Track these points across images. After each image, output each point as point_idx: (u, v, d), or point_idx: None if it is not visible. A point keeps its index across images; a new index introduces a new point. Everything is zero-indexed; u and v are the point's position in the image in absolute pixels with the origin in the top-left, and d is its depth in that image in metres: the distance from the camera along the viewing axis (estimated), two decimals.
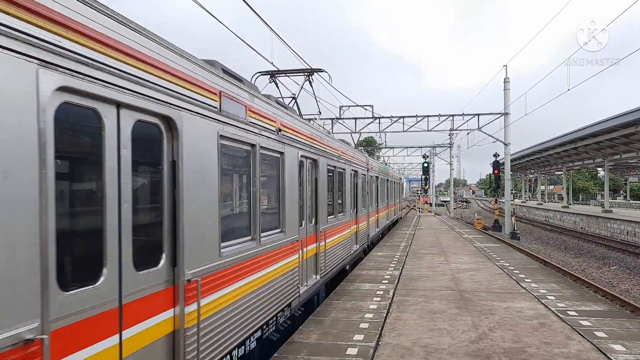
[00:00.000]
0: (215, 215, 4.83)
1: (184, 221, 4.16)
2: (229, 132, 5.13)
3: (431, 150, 50.84)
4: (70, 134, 3.19)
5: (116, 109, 3.39)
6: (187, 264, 4.21)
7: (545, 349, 6.32)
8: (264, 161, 6.41)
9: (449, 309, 8.51)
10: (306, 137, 8.46)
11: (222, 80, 5.07)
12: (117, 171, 3.40)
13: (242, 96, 5.57)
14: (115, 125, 3.38)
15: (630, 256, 21.06)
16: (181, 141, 4.12)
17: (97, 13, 3.14)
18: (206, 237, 4.64)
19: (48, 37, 2.72)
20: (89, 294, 3.10)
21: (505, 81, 27.77)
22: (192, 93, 4.35)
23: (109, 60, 3.24)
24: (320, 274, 9.40)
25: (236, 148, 5.58)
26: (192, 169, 4.33)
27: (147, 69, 3.68)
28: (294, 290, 7.51)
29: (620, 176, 70.34)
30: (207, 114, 4.65)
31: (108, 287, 3.28)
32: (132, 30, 3.52)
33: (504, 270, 12.63)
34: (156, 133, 3.96)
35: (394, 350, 6.34)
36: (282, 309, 6.98)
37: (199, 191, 4.48)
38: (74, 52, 2.91)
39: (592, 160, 40.14)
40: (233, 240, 5.41)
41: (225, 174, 5.33)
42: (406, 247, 18.21)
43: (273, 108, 6.73)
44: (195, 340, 4.35)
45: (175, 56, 4.14)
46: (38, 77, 2.66)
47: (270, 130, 6.46)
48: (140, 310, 3.64)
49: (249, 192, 5.99)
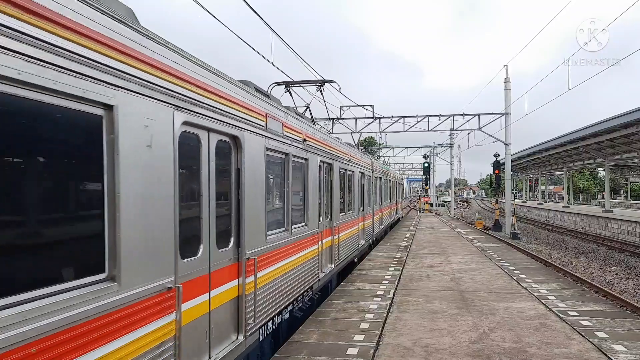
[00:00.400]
0: (263, 210, 6.14)
1: (245, 214, 5.50)
2: (272, 144, 6.44)
3: (432, 150, 50.86)
4: (185, 151, 4.30)
5: (207, 133, 4.75)
6: (247, 246, 5.54)
7: (546, 349, 6.31)
8: (293, 167, 7.64)
9: (450, 309, 8.51)
10: (324, 145, 9.85)
11: (267, 104, 6.39)
12: (208, 177, 4.75)
13: (280, 115, 6.89)
14: (207, 145, 4.75)
15: (630, 256, 21.03)
16: (243, 153, 5.46)
17: (202, 69, 4.56)
18: (258, 227, 5.95)
19: (180, 90, 4.10)
20: (194, 262, 4.47)
21: (506, 81, 27.76)
22: (250, 117, 5.69)
23: (207, 99, 4.58)
24: (334, 263, 10.81)
25: (275, 157, 6.87)
26: (249, 175, 5.63)
27: (226, 102, 5.01)
28: (315, 275, 8.93)
29: (621, 176, 70.32)
30: (259, 132, 5.96)
31: (203, 259, 4.67)
32: (220, 77, 4.96)
33: (505, 270, 12.62)
34: (228, 148, 5.29)
35: (394, 351, 6.34)
36: (306, 290, 8.31)
37: (253, 192, 5.78)
38: (191, 98, 4.29)
39: (593, 160, 40.11)
40: (273, 230, 6.77)
41: (268, 178, 6.50)
42: (406, 247, 18.21)
43: (300, 122, 8.10)
44: (253, 304, 5.67)
45: (240, 90, 5.51)
46: (174, 116, 4.01)
47: (298, 141, 7.78)
48: (220, 277, 5.00)
49: (283, 192, 7.36)
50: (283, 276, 6.94)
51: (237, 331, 5.44)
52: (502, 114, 27.98)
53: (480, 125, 28.94)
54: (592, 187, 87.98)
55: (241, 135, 5.40)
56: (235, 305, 5.38)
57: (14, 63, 2.45)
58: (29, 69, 2.53)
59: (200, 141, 4.64)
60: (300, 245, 7.91)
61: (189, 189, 4.58)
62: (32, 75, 2.54)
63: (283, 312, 7.12)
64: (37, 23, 2.59)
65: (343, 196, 12.25)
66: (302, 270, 7.98)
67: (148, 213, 3.64)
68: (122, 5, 3.79)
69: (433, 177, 61.65)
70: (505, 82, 27.79)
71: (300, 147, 7.85)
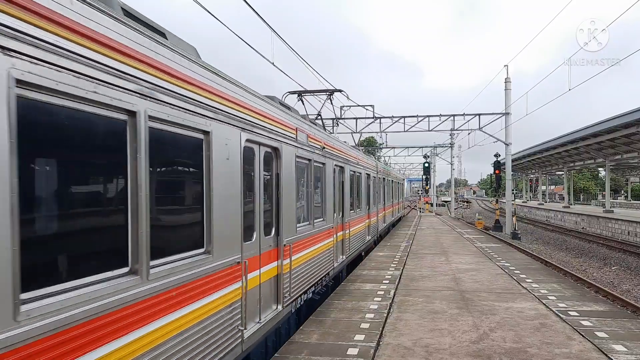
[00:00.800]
0: (294, 206, 7.60)
1: (282, 209, 6.92)
2: (300, 153, 7.83)
3: (432, 150, 50.83)
4: (246, 161, 5.63)
5: (258, 146, 6.16)
6: (284, 235, 6.98)
7: (546, 349, 6.31)
8: (315, 170, 9.09)
9: (450, 309, 8.51)
10: (338, 151, 11.28)
11: (296, 120, 7.88)
12: (258, 180, 6.20)
13: (305, 128, 8.34)
14: (258, 155, 6.17)
15: (631, 256, 21.02)
16: (281, 161, 6.86)
17: (258, 98, 6.07)
18: (291, 219, 7.36)
19: (244, 116, 5.51)
20: (251, 245, 5.88)
21: (506, 81, 27.72)
22: (285, 131, 7.07)
23: (260, 121, 6.00)
24: (345, 254, 12.20)
25: (302, 162, 8.22)
26: (284, 178, 7.01)
27: (271, 122, 6.46)
28: (330, 263, 10.36)
29: (622, 176, 70.26)
30: (291, 143, 7.36)
31: (256, 243, 6.08)
32: (267, 102, 6.41)
33: (505, 270, 12.62)
34: (270, 157, 6.67)
35: (394, 351, 6.34)
36: (324, 276, 9.74)
37: (287, 191, 7.15)
38: (251, 121, 5.70)
39: (593, 160, 40.08)
40: (301, 223, 8.17)
41: (297, 180, 7.80)
42: (407, 247, 18.21)
43: (320, 132, 9.66)
44: (288, 282, 7.10)
45: (280, 111, 7.01)
46: (241, 136, 5.43)
47: (318, 148, 9.19)
48: (266, 258, 6.41)
49: (307, 192, 8.72)
50: (308, 261, 8.44)
51: (276, 302, 6.84)
52: (502, 114, 27.97)
53: (480, 125, 28.93)
54: (592, 187, 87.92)
55: (280, 146, 6.83)
56: (275, 282, 6.80)
57: (164, 110, 3.88)
58: (175, 113, 4.03)
59: (254, 153, 6.08)
60: (320, 237, 9.41)
61: (247, 189, 5.84)
62: (174, 117, 4.02)
63: (307, 292, 8.56)
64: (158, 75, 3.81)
65: (352, 195, 13.58)
66: (321, 258, 9.49)
67: (226, 207, 5.06)
68: (189, 47, 5.06)
69: (433, 177, 61.64)
70: (505, 82, 27.76)
71: (319, 154, 9.30)
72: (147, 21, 4.26)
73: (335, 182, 10.94)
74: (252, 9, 8.99)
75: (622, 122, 24.61)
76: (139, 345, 3.44)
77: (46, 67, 2.63)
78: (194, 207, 4.62)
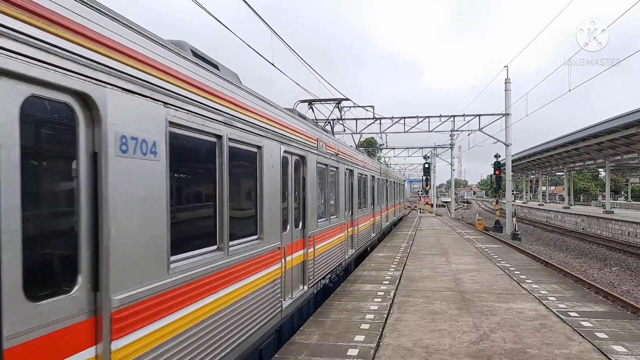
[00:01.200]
0: (315, 204, 8.96)
1: (307, 206, 8.39)
2: (319, 160, 9.26)
3: (432, 150, 50.84)
4: (283, 168, 7.08)
5: (291, 155, 7.61)
6: (309, 228, 8.45)
7: (546, 350, 6.31)
8: (330, 174, 10.49)
9: (450, 309, 8.51)
10: (348, 156, 12.67)
11: (318, 132, 9.45)
12: (291, 183, 7.66)
13: (324, 138, 9.83)
14: (291, 163, 7.63)
15: (631, 257, 21.02)
16: (307, 167, 8.37)
17: (292, 117, 7.62)
18: (313, 215, 8.75)
19: (284, 133, 6.91)
20: (286, 235, 7.30)
21: (506, 82, 27.71)
22: (310, 142, 8.58)
23: (294, 135, 7.50)
24: (354, 248, 13.55)
25: (321, 168, 9.57)
26: (309, 181, 8.46)
27: (301, 136, 7.98)
28: (343, 255, 11.76)
29: (622, 177, 70.29)
30: (314, 152, 8.83)
31: (289, 234, 7.53)
32: (299, 120, 8.12)
33: (505, 271, 12.62)
34: (299, 164, 8.14)
35: (394, 351, 6.34)
36: (337, 266, 11.07)
37: (310, 192, 8.58)
38: (287, 136, 7.12)
39: (593, 161, 40.08)
40: (320, 219, 9.50)
41: (317, 183, 9.18)
42: (407, 248, 18.20)
43: (334, 141, 11.28)
44: (312, 267, 8.64)
45: (307, 126, 8.68)
46: (280, 148, 6.80)
47: (333, 154, 10.62)
48: (295, 247, 7.89)
49: (323, 192, 9.99)
50: (326, 251, 9.91)
51: (303, 283, 8.29)
52: (502, 115, 27.97)
53: (480, 126, 28.94)
54: (592, 188, 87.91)
55: (306, 154, 8.31)
56: (302, 266, 8.31)
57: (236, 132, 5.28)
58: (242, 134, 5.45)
59: (288, 161, 7.50)
60: (335, 231, 10.87)
61: (284, 190, 7.17)
62: (242, 137, 5.44)
63: (325, 277, 9.96)
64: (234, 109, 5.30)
65: (360, 196, 14.99)
66: (336, 249, 10.95)
67: (272, 204, 6.48)
68: (233, 74, 6.08)
69: (433, 178, 61.61)
70: (505, 83, 27.75)
71: (334, 159, 10.73)
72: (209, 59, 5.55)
73: (346, 184, 12.39)
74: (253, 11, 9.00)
75: (622, 123, 24.61)
76: (224, 300, 4.91)
77: (183, 112, 4.12)
78: (253, 203, 6.09)
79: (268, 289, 6.22)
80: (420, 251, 17.19)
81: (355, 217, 13.77)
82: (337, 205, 11.26)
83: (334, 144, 10.86)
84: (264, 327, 6.09)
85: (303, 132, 8.17)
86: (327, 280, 10.34)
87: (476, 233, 26.45)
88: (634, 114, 23.08)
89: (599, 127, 27.74)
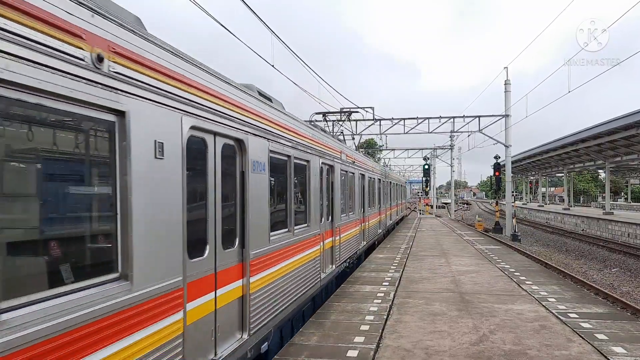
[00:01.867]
0: (339, 203, 11.15)
1: (335, 204, 10.70)
2: (341, 167, 11.38)
3: (432, 152, 50.83)
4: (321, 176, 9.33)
5: (324, 165, 9.72)
6: (335, 220, 10.75)
7: (546, 351, 6.31)
8: (350, 178, 12.79)
9: (450, 311, 8.51)
10: (361, 162, 15.16)
11: (340, 145, 11.60)
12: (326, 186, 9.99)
13: (345, 150, 12.07)
14: (325, 171, 9.85)
15: (631, 258, 21.02)
16: (335, 174, 10.57)
17: (326, 137, 10.28)
18: (338, 210, 10.99)
19: (320, 149, 9.20)
20: (322, 224, 9.54)
21: (506, 83, 27.71)
22: (336, 154, 10.67)
23: (324, 150, 9.56)
24: (366, 240, 15.96)
25: (343, 173, 11.67)
26: (336, 185, 10.70)
27: (330, 150, 10.10)
28: (358, 245, 14.00)
29: (622, 178, 70.30)
30: (338, 162, 10.93)
31: (325, 224, 9.80)
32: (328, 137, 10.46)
33: (505, 272, 12.62)
34: (328, 171, 10.23)
35: (394, 353, 6.34)
36: (353, 253, 13.22)
37: (336, 192, 10.84)
38: (321, 151, 9.27)
39: (593, 162, 40.09)
40: (342, 214, 11.75)
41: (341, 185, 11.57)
42: (407, 249, 18.21)
43: (351, 151, 13.88)
44: (339, 251, 10.94)
45: (334, 141, 10.94)
46: (320, 160, 9.25)
47: (351, 162, 12.81)
48: (326, 235, 9.90)
49: (344, 193, 12.11)
50: (348, 240, 12.41)
51: (332, 263, 10.67)
52: (502, 116, 27.97)
53: (480, 127, 28.93)
54: (592, 189, 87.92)
55: (333, 164, 10.49)
56: (331, 251, 10.55)
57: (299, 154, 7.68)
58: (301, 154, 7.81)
59: (323, 169, 9.55)
60: (353, 224, 13.31)
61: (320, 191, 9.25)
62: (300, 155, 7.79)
63: (346, 261, 12.20)
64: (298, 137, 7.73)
65: (369, 196, 17.28)
66: (353, 239, 13.35)
67: (315, 202, 8.62)
68: (279, 104, 7.33)
69: (433, 179, 61.63)
70: (505, 85, 27.75)
71: (351, 166, 12.92)
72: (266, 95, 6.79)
73: (359, 186, 14.66)
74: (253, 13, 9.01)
75: (622, 124, 24.60)
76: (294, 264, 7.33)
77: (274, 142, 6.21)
78: (305, 203, 8.28)
79: (313, 262, 8.55)
80: (420, 252, 17.20)
81: (367, 214, 16.00)
82: (353, 204, 13.54)
83: (351, 154, 13.45)
84: (312, 289, 8.53)
85: (332, 146, 10.41)
86: (347, 263, 12.66)
87: (476, 234, 26.45)
88: (634, 115, 23.08)
89: (598, 129, 27.73)
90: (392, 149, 45.65)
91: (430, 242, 21.28)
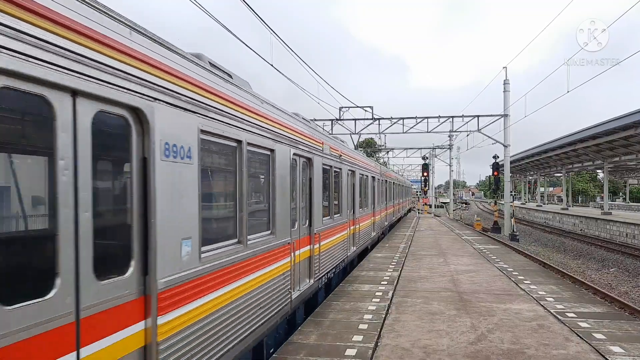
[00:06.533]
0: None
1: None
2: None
3: (431, 151, 50.87)
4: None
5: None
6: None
7: (544, 351, 6.33)
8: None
9: (448, 310, 8.52)
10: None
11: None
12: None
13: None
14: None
15: (629, 258, 21.06)
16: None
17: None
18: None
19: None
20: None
21: (505, 83, 27.76)
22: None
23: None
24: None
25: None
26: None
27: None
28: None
29: (620, 178, 70.37)
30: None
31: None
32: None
33: (503, 272, 12.64)
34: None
35: (392, 352, 6.35)
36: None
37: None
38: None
39: (592, 162, 40.14)
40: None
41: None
42: (405, 248, 18.22)
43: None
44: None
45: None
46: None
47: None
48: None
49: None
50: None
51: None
52: (501, 116, 28.01)
53: (479, 127, 28.97)
54: (591, 189, 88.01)
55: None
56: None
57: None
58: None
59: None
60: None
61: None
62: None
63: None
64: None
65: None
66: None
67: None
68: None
69: (432, 179, 61.66)
70: (504, 84, 27.79)
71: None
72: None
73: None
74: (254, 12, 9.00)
75: (621, 125, 24.65)
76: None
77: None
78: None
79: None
80: (418, 252, 17.21)
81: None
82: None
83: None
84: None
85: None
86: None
87: (474, 234, 26.48)
88: (632, 116, 23.12)
89: (597, 129, 27.77)
90: (390, 149, 45.69)
91: (428, 241, 21.30)
